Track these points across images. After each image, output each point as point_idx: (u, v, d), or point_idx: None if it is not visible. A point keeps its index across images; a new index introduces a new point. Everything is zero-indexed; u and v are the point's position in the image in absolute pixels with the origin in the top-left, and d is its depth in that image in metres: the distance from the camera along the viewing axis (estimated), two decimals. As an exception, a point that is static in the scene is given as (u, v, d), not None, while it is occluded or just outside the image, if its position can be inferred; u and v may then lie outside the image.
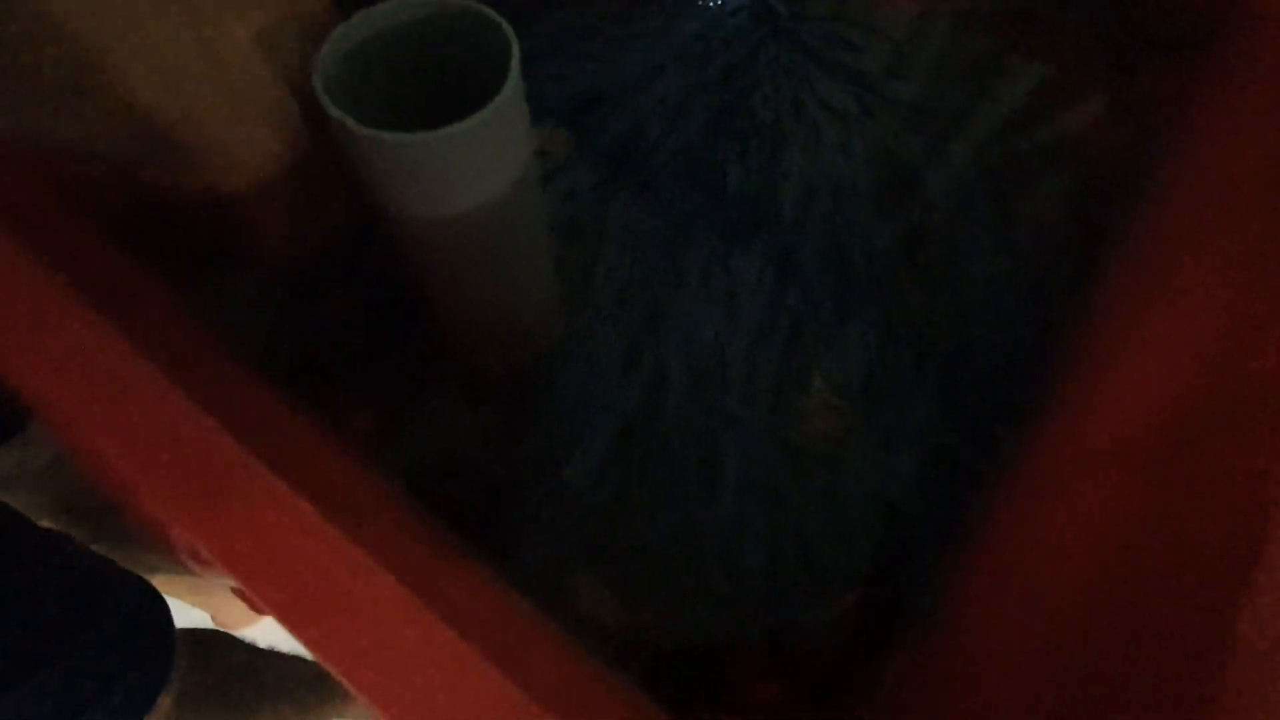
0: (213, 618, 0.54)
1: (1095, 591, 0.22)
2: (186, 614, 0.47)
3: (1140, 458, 0.24)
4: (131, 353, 0.14)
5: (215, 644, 0.35)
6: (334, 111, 0.19)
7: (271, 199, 0.26)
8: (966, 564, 0.29)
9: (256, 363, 0.33)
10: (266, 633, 0.50)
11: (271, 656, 0.40)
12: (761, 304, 0.35)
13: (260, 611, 0.50)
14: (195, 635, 0.32)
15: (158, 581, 0.32)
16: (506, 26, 0.21)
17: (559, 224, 0.37)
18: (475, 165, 0.21)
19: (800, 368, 0.33)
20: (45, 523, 0.39)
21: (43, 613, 0.25)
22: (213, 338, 0.29)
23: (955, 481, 0.31)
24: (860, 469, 0.31)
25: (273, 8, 0.22)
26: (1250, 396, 0.21)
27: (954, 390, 0.33)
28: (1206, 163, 0.34)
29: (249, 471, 0.13)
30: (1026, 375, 0.33)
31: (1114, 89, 0.43)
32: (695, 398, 0.32)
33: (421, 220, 0.22)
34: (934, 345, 0.34)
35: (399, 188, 0.21)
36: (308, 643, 0.13)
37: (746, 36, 0.43)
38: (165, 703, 0.28)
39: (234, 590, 0.47)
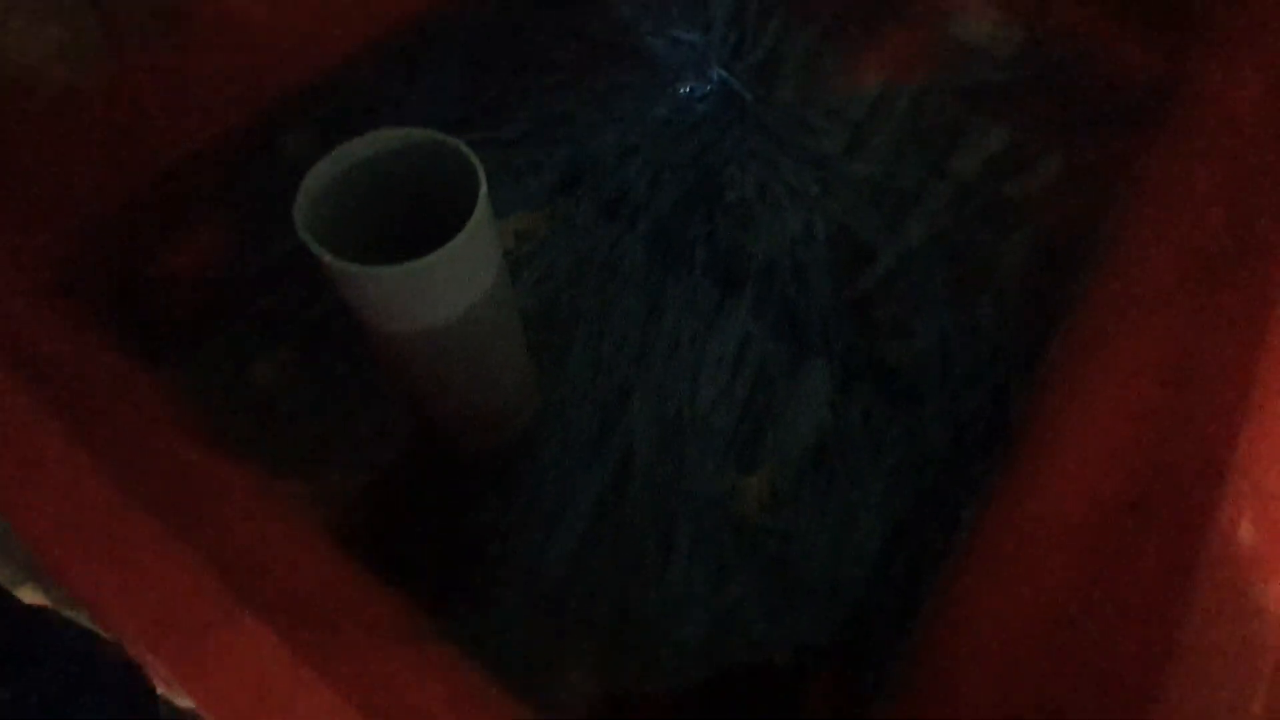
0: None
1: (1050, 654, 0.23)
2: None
3: (1083, 535, 0.25)
4: (124, 503, 0.16)
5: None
6: (314, 247, 0.21)
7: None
8: (931, 637, 0.30)
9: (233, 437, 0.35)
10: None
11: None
12: (724, 377, 0.37)
13: None
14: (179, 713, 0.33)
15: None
16: (474, 159, 0.23)
17: (536, 307, 0.39)
18: (445, 288, 0.23)
19: (756, 443, 0.35)
20: (27, 593, 0.40)
21: (25, 693, 0.26)
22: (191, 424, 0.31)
23: (914, 557, 0.32)
24: (811, 547, 0.32)
25: None
26: (1168, 483, 0.23)
27: (911, 464, 0.34)
28: (1144, 243, 0.36)
29: (228, 614, 0.14)
30: (983, 444, 0.35)
31: (1068, 155, 0.46)
32: (658, 473, 0.34)
33: (397, 335, 0.24)
34: (890, 419, 0.36)
35: (375, 308, 0.23)
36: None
37: (715, 120, 0.46)
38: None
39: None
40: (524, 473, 0.33)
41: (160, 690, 0.17)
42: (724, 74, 0.47)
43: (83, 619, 0.27)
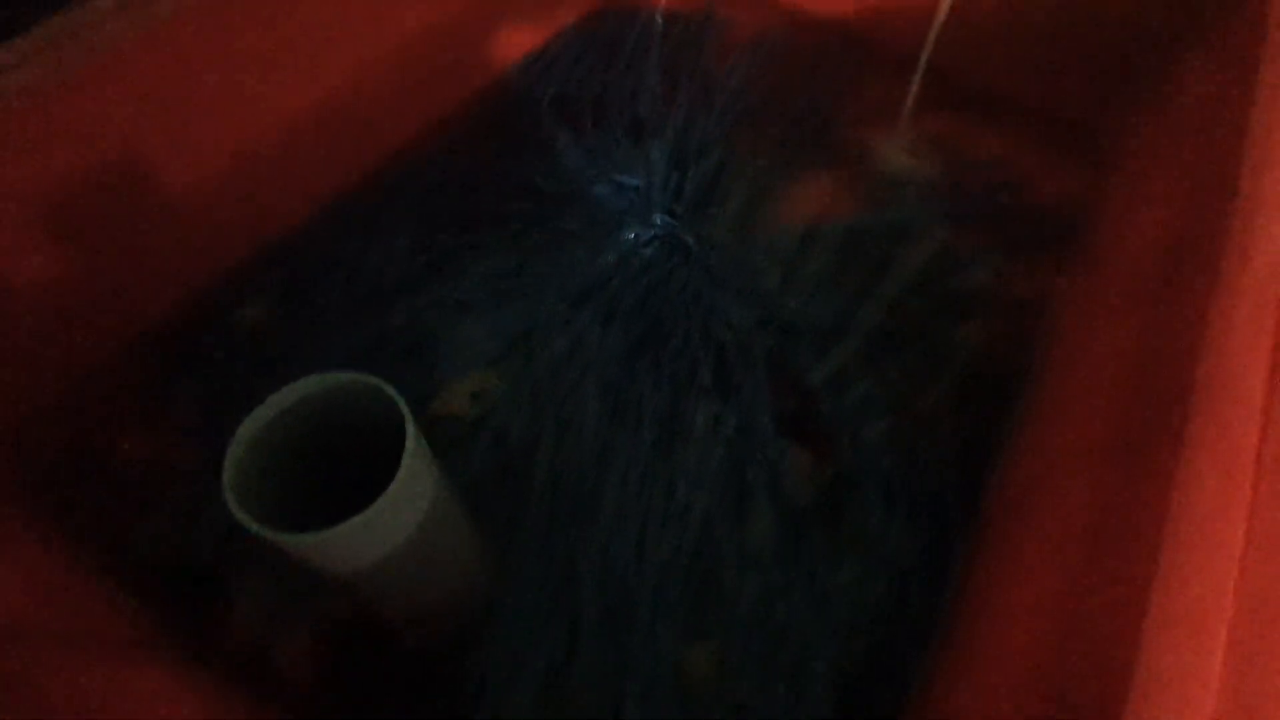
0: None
1: None
2: None
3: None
4: None
5: None
6: (239, 515, 0.22)
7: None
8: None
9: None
10: None
11: None
12: (671, 537, 0.38)
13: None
14: None
15: None
16: (402, 404, 0.24)
17: (492, 471, 0.40)
18: (375, 535, 0.24)
19: (703, 607, 0.35)
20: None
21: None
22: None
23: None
24: (761, 715, 0.32)
25: None
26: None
27: (857, 617, 0.35)
28: (1063, 384, 0.38)
29: None
30: (926, 596, 0.36)
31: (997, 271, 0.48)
32: (606, 648, 0.34)
33: (337, 573, 0.25)
34: (836, 568, 0.36)
35: (306, 559, 0.24)
36: None
37: (660, 264, 0.48)
38: None
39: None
40: (471, 660, 0.34)
41: None
42: (666, 218, 0.49)
43: None
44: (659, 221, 0.49)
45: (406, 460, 0.23)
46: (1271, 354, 0.26)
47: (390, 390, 0.25)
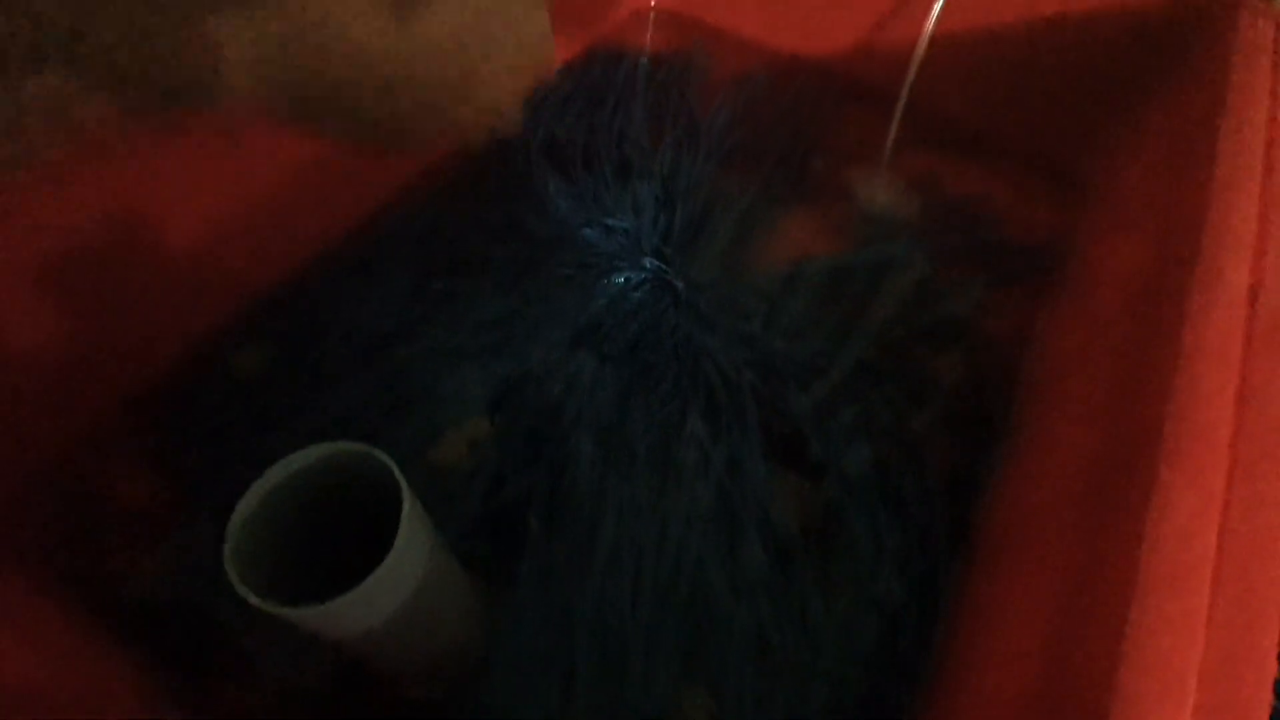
0: None
1: None
2: None
3: None
4: None
5: None
6: (242, 590, 0.23)
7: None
8: None
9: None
10: None
11: None
12: (664, 577, 0.38)
13: None
14: None
15: None
16: (399, 475, 0.25)
17: (485, 520, 0.40)
18: (372, 603, 0.24)
19: (698, 651, 0.36)
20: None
21: None
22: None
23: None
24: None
25: None
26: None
27: (847, 658, 0.36)
28: (1041, 427, 0.39)
29: None
30: (913, 638, 0.36)
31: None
32: (601, 689, 0.35)
33: (338, 638, 0.25)
34: (826, 611, 0.37)
35: (311, 628, 0.24)
36: None
37: (650, 307, 0.49)
38: None
39: None
40: (468, 711, 0.34)
41: None
42: (655, 261, 0.50)
43: None
44: (648, 265, 0.50)
45: (403, 527, 0.24)
46: (1238, 387, 0.27)
47: (384, 457, 0.26)
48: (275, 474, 0.25)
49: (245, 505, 0.24)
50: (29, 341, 0.39)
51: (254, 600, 0.22)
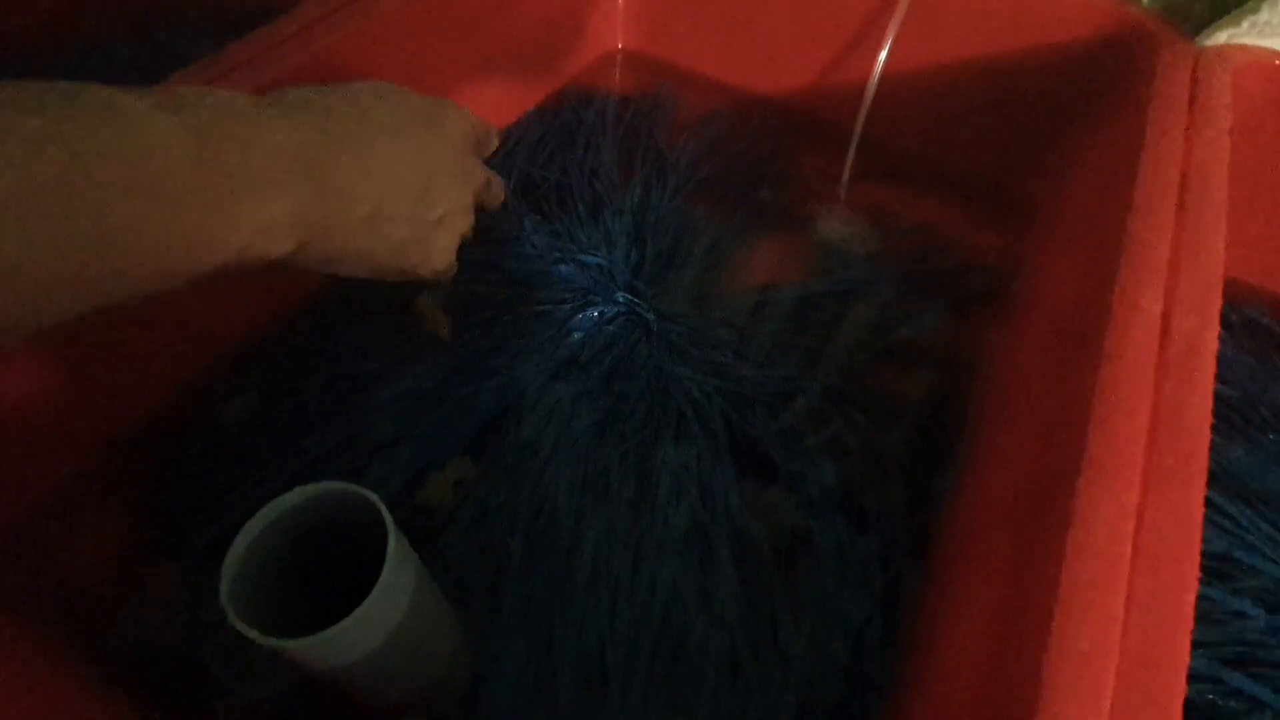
0: None
1: None
2: None
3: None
4: None
5: None
6: (239, 625, 0.24)
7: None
8: None
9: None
10: None
11: None
12: (640, 599, 0.40)
13: None
14: None
15: None
16: (384, 511, 0.27)
17: (474, 552, 0.42)
18: (361, 634, 0.26)
19: (674, 673, 0.37)
20: None
21: None
22: None
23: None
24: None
25: None
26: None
27: (815, 675, 0.37)
28: (987, 448, 0.41)
29: None
30: (878, 652, 0.38)
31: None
32: (583, 710, 0.36)
33: (329, 668, 0.27)
34: (796, 630, 0.39)
35: (303, 659, 0.26)
36: None
37: (623, 339, 0.51)
38: None
39: None
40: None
41: None
42: (628, 295, 0.53)
43: None
44: (621, 299, 0.53)
45: (389, 562, 0.26)
46: (1151, 408, 0.30)
47: (370, 495, 0.27)
48: (267, 514, 0.27)
49: (239, 544, 0.26)
50: (16, 385, 0.40)
51: (251, 634, 0.24)
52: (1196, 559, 0.26)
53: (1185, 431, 0.29)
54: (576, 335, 0.52)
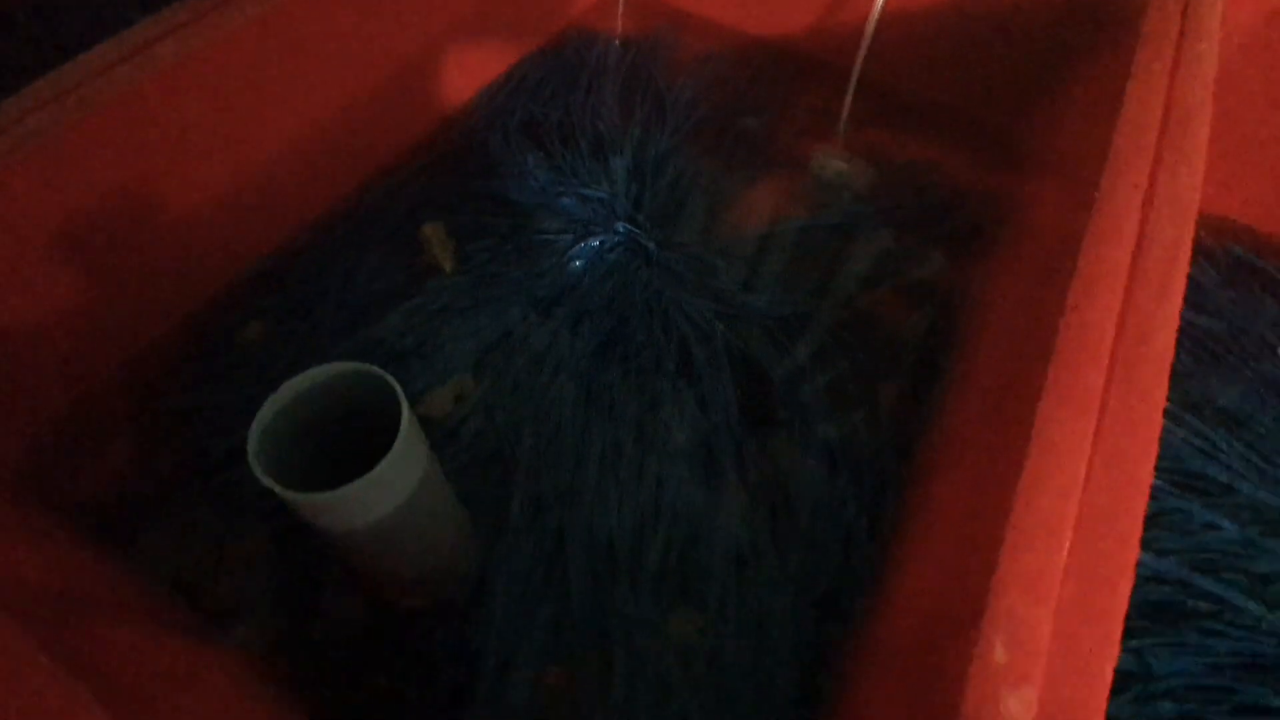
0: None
1: None
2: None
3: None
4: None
5: None
6: (265, 480, 0.26)
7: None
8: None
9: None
10: None
11: None
12: (648, 506, 0.42)
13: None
14: None
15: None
16: (397, 388, 0.28)
17: (480, 460, 0.44)
18: (377, 497, 0.28)
19: (681, 568, 0.39)
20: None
21: None
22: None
23: (817, 651, 0.37)
24: (738, 657, 0.37)
25: None
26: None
27: (812, 569, 0.39)
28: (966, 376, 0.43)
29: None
30: (864, 545, 0.40)
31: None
32: (595, 606, 0.38)
33: (342, 533, 0.29)
34: (793, 530, 0.41)
35: (318, 517, 0.28)
36: None
37: (624, 267, 0.53)
38: None
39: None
40: (476, 620, 0.37)
41: None
42: (628, 226, 0.54)
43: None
44: (621, 229, 0.54)
45: (403, 430, 0.27)
46: (1116, 329, 0.31)
47: (384, 374, 0.29)
48: (294, 385, 0.29)
49: (265, 410, 0.28)
50: (48, 299, 0.41)
51: (277, 488, 0.26)
52: (1155, 437, 0.27)
53: (1152, 331, 0.30)
54: (577, 263, 0.53)
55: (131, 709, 0.23)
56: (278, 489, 0.26)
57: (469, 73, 0.63)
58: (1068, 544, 0.25)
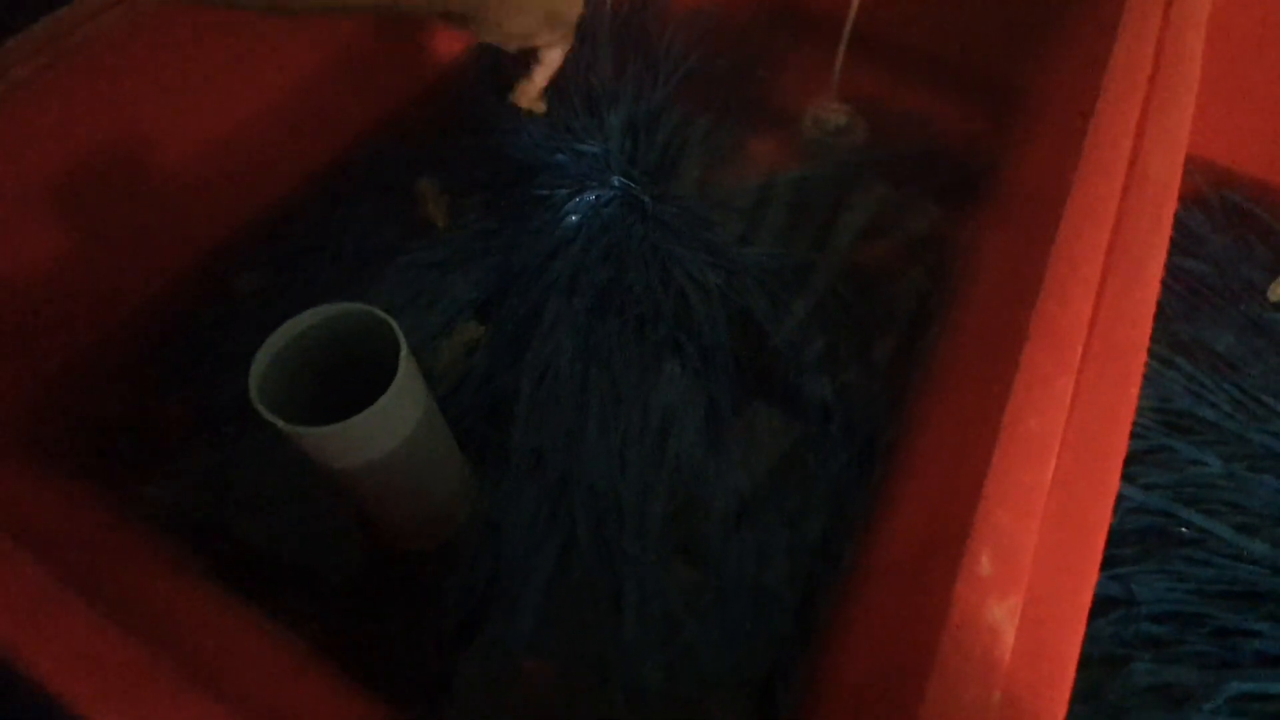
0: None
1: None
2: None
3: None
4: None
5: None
6: (268, 416, 0.26)
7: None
8: (823, 663, 0.36)
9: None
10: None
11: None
12: (651, 455, 0.43)
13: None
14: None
15: None
16: (396, 328, 0.29)
17: (484, 407, 0.44)
18: (377, 434, 0.28)
19: (685, 515, 0.40)
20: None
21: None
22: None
23: (810, 592, 0.38)
24: (738, 593, 0.38)
25: None
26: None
27: (807, 510, 0.40)
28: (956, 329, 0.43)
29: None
30: (856, 487, 0.41)
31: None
32: (601, 548, 0.39)
33: (341, 470, 0.29)
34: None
35: (320, 453, 0.28)
36: None
37: (620, 221, 0.53)
38: None
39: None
40: (481, 560, 0.38)
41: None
42: (623, 180, 0.54)
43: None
44: (616, 183, 0.54)
45: (401, 368, 0.28)
46: (1104, 262, 0.31)
47: (383, 315, 0.29)
48: (294, 325, 0.29)
49: (268, 348, 0.28)
50: (42, 254, 0.41)
51: (279, 423, 0.26)
52: (1142, 356, 0.28)
53: (1140, 264, 0.30)
54: (573, 218, 0.53)
55: (153, 650, 0.24)
56: (280, 424, 0.27)
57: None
58: (1053, 463, 0.26)
